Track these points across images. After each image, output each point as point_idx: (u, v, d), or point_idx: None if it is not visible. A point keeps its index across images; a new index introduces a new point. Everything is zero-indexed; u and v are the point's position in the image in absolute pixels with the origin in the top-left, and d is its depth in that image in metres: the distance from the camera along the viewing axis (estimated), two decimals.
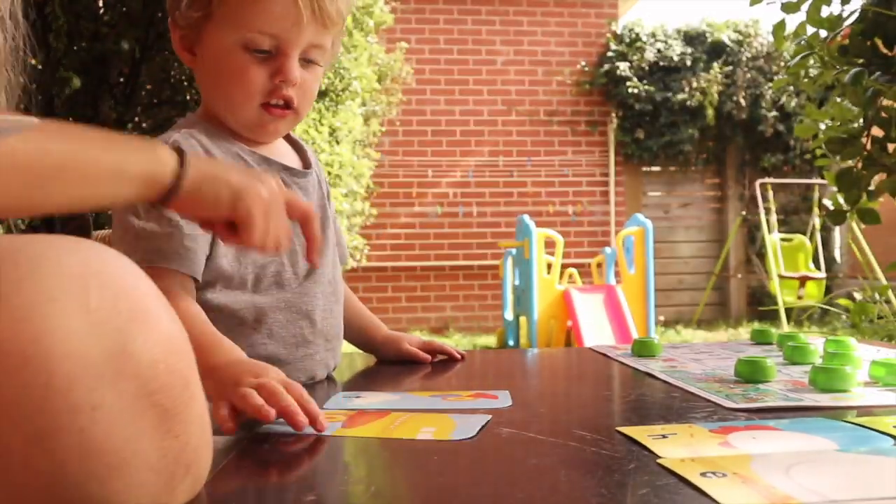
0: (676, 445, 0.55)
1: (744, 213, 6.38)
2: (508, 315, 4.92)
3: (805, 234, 6.02)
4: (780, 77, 4.80)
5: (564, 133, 6.42)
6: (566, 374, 1.05)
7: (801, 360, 0.92)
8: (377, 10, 4.47)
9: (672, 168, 6.63)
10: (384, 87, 5.63)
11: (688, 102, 6.26)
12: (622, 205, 6.47)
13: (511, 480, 0.50)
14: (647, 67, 6.34)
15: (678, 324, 6.26)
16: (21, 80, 0.61)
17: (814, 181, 6.21)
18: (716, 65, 6.37)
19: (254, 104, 0.88)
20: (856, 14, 1.57)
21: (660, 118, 6.33)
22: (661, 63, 6.36)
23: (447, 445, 0.58)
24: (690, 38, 6.50)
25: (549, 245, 4.55)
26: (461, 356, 1.06)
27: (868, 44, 1.53)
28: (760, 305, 6.42)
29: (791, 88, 5.92)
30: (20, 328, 0.32)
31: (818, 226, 5.97)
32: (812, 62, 1.67)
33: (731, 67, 6.40)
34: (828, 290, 5.79)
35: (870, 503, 0.42)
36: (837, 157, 1.64)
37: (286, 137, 1.00)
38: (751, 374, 0.80)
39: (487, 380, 1.02)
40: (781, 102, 6.29)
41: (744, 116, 6.35)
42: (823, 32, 1.62)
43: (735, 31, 6.50)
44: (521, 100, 6.38)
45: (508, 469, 0.52)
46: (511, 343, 4.86)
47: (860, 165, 1.61)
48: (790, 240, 5.92)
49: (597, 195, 6.44)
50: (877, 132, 1.62)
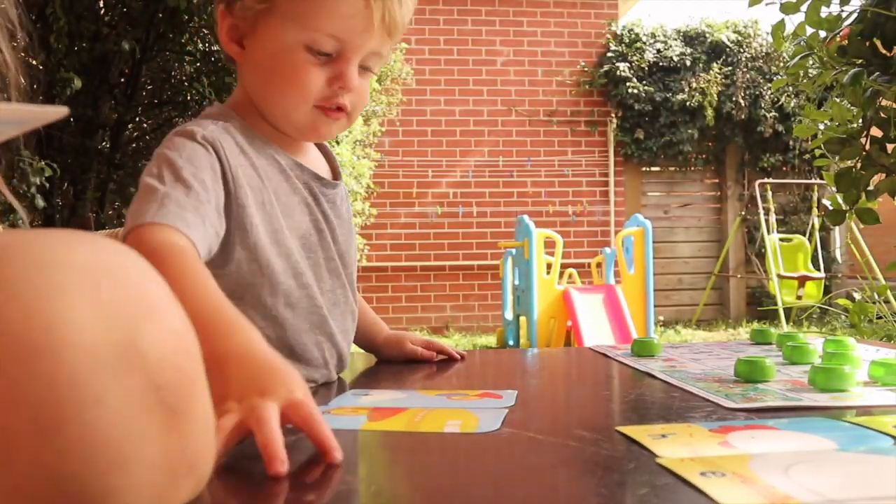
0: (676, 445, 0.55)
1: (743, 214, 6.38)
2: (508, 315, 4.92)
3: (804, 235, 6.03)
4: (780, 77, 4.81)
5: (564, 133, 6.42)
6: (566, 374, 1.06)
7: (801, 360, 0.92)
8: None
9: (672, 168, 6.63)
10: (384, 88, 5.63)
11: (687, 103, 6.27)
12: (622, 205, 6.47)
13: (511, 480, 0.50)
14: (647, 68, 6.35)
15: (678, 324, 6.26)
16: (22, 82, 0.61)
17: (813, 181, 6.22)
18: (715, 65, 6.37)
19: (307, 107, 0.84)
20: (855, 14, 1.58)
21: (659, 118, 6.34)
22: (661, 63, 6.36)
23: (445, 444, 0.58)
24: (690, 39, 6.51)
25: (549, 245, 4.55)
26: (461, 357, 1.06)
27: (867, 44, 1.54)
28: (760, 305, 6.42)
29: (790, 89, 5.92)
30: (30, 319, 0.32)
31: (817, 226, 5.98)
32: (811, 62, 1.68)
33: (731, 68, 6.40)
34: (827, 291, 5.80)
35: (869, 503, 0.42)
36: (836, 158, 1.64)
37: (318, 145, 0.97)
38: (750, 374, 0.81)
39: (488, 379, 1.02)
40: (781, 103, 6.30)
41: (743, 117, 6.35)
42: (822, 33, 1.62)
43: (734, 32, 6.51)
44: (521, 100, 6.39)
45: (508, 469, 0.52)
46: (511, 343, 4.86)
47: (859, 165, 1.61)
48: (789, 240, 5.92)
49: (596, 195, 6.44)
50: (876, 132, 1.62)
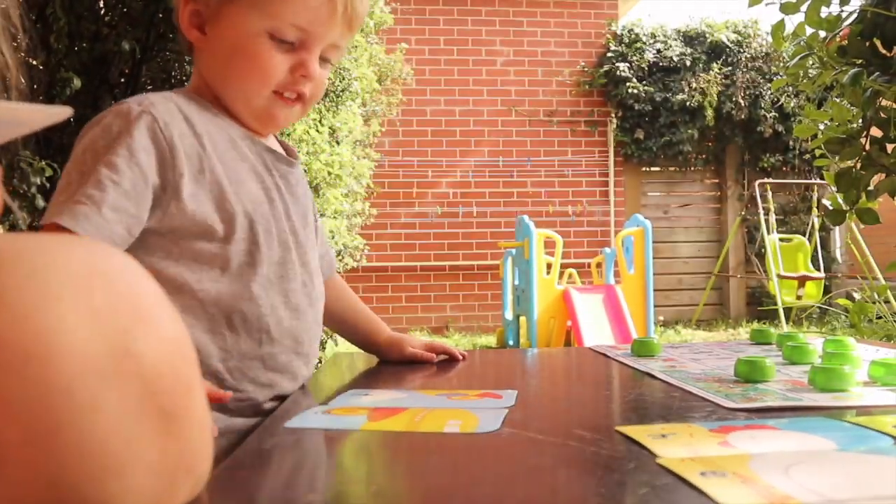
0: (676, 445, 0.55)
1: (743, 214, 6.38)
2: (508, 315, 4.92)
3: (804, 235, 6.03)
4: (780, 77, 4.81)
5: (564, 133, 6.42)
6: (566, 374, 1.06)
7: (801, 360, 0.92)
8: (377, 11, 4.47)
9: (671, 168, 6.63)
10: (384, 88, 5.63)
11: (687, 103, 6.27)
12: (622, 205, 6.47)
13: (511, 480, 0.50)
14: (647, 68, 6.35)
15: (677, 324, 6.26)
16: (22, 82, 0.61)
17: (813, 181, 6.22)
18: (715, 65, 6.37)
19: (267, 92, 0.86)
20: (854, 15, 1.58)
21: (659, 118, 6.34)
22: (661, 63, 6.36)
23: (445, 444, 0.58)
24: (690, 39, 6.51)
25: (549, 245, 4.55)
26: (462, 356, 1.06)
27: (867, 44, 1.54)
28: (760, 305, 6.42)
29: (790, 89, 5.92)
30: (23, 325, 0.32)
31: (817, 226, 5.98)
32: (811, 63, 1.68)
33: (731, 68, 6.40)
34: (827, 291, 5.80)
35: (869, 503, 0.42)
36: (836, 158, 1.64)
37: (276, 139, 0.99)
38: (750, 374, 0.81)
39: (488, 379, 1.02)
40: (780, 103, 6.30)
41: (743, 117, 6.35)
42: (822, 33, 1.62)
43: (734, 32, 6.51)
44: (521, 100, 6.39)
45: (508, 469, 0.52)
46: (511, 343, 4.86)
47: (859, 166, 1.61)
48: (789, 240, 5.92)
49: (596, 195, 6.44)
50: (876, 132, 1.62)
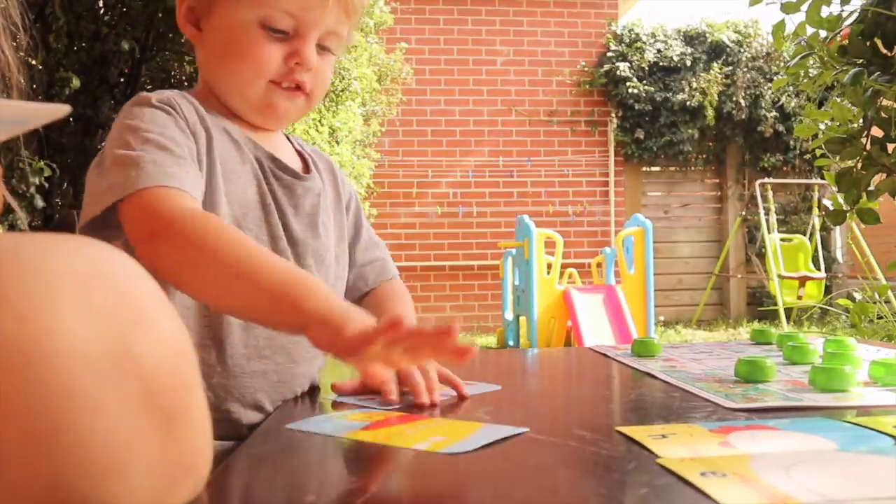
0: (676, 445, 0.55)
1: (743, 214, 6.38)
2: (508, 315, 4.92)
3: (805, 235, 6.03)
4: (780, 77, 4.81)
5: (564, 133, 6.42)
6: (566, 374, 1.05)
7: (801, 360, 0.92)
8: (377, 11, 4.48)
9: (672, 168, 6.63)
10: (384, 88, 5.63)
11: (688, 103, 6.27)
12: (622, 205, 6.47)
13: (511, 480, 0.50)
14: (647, 68, 6.35)
15: (678, 324, 6.26)
16: (21, 81, 0.61)
17: (813, 181, 6.22)
18: (715, 65, 6.37)
19: (262, 82, 0.84)
20: (855, 14, 1.58)
21: (660, 118, 6.34)
22: (661, 63, 6.36)
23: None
24: (690, 39, 6.51)
25: (549, 245, 4.55)
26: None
27: (868, 44, 1.54)
28: (760, 305, 6.42)
29: (791, 89, 5.92)
30: (22, 326, 0.32)
31: (818, 226, 5.98)
32: (812, 62, 1.68)
33: (731, 68, 6.40)
34: (827, 291, 5.80)
35: (869, 503, 0.42)
36: (837, 158, 1.64)
37: (295, 150, 0.95)
38: (750, 374, 0.81)
39: (488, 379, 1.02)
40: (781, 103, 6.30)
41: (743, 117, 6.35)
42: (823, 33, 1.62)
43: (735, 32, 6.51)
44: (521, 100, 6.39)
45: (508, 469, 0.52)
46: (511, 343, 4.86)
47: (860, 165, 1.61)
48: (790, 240, 5.92)
49: (597, 195, 6.44)
50: (876, 132, 1.62)
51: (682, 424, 0.62)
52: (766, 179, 6.14)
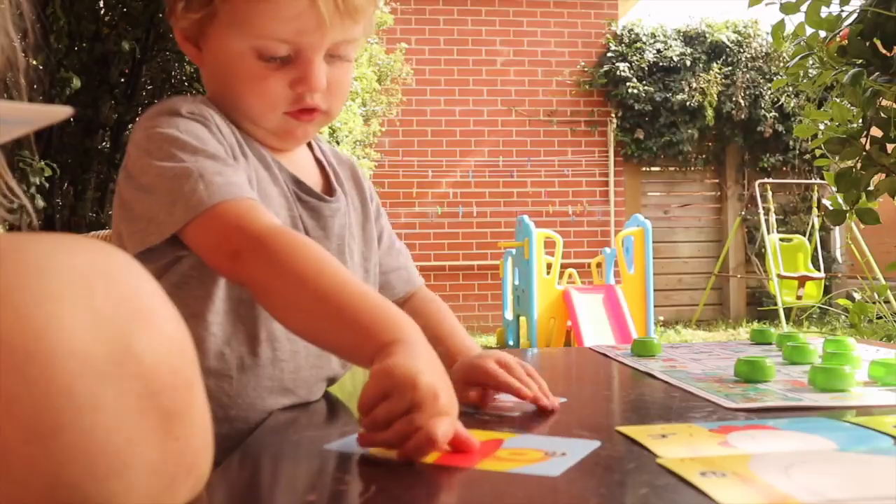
0: (676, 445, 0.55)
1: (743, 214, 6.38)
2: (508, 315, 4.92)
3: (804, 235, 6.03)
4: (780, 77, 4.81)
5: (564, 133, 6.42)
6: (566, 374, 1.05)
7: (801, 360, 0.92)
8: (377, 11, 4.48)
9: (672, 168, 6.63)
10: (384, 88, 5.63)
11: (687, 103, 6.27)
12: (622, 205, 6.47)
13: (511, 480, 0.50)
14: (647, 68, 6.35)
15: (678, 324, 6.26)
16: (22, 81, 0.61)
17: (813, 181, 6.22)
18: (715, 65, 6.37)
19: (276, 115, 0.77)
20: (855, 14, 1.58)
21: (659, 118, 6.34)
22: (661, 63, 6.36)
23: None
24: (690, 39, 6.51)
25: (549, 245, 4.55)
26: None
27: (867, 44, 1.54)
28: (760, 305, 6.42)
29: (790, 89, 5.92)
30: (24, 325, 0.32)
31: (817, 226, 5.98)
32: (811, 63, 1.68)
33: (731, 68, 6.40)
34: (827, 291, 5.80)
35: (869, 503, 0.42)
36: (837, 158, 1.64)
37: (318, 162, 0.89)
38: (750, 374, 0.81)
39: None
40: (781, 103, 6.30)
41: (743, 117, 6.35)
42: (822, 33, 1.62)
43: (734, 32, 6.51)
44: (521, 100, 6.39)
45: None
46: (511, 343, 4.86)
47: (859, 166, 1.61)
48: (789, 240, 5.92)
49: (596, 195, 6.44)
50: (876, 132, 1.62)
51: (682, 424, 0.62)
52: (766, 179, 6.14)
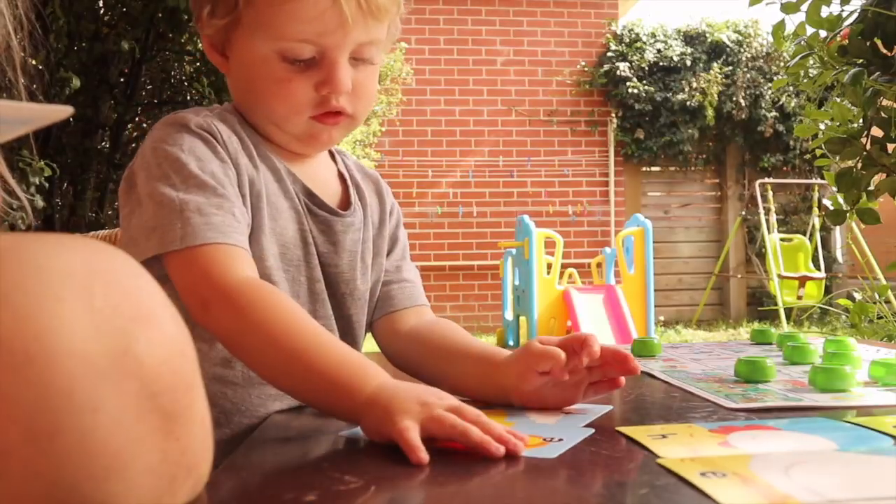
0: (676, 445, 0.55)
1: (743, 214, 6.38)
2: (508, 315, 4.92)
3: (805, 235, 6.02)
4: (780, 77, 4.81)
5: (564, 133, 6.42)
6: None
7: (801, 360, 0.92)
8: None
9: (672, 168, 6.63)
10: (384, 88, 5.63)
11: (688, 102, 6.26)
12: (622, 205, 6.47)
13: (511, 480, 0.50)
14: (647, 67, 6.35)
15: (678, 324, 6.26)
16: (22, 80, 0.61)
17: (813, 181, 6.22)
18: (715, 65, 6.37)
19: (301, 119, 0.76)
20: (855, 14, 1.58)
21: (660, 118, 6.33)
22: (661, 63, 6.36)
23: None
24: (690, 39, 6.51)
25: (549, 245, 4.55)
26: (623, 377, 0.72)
27: (868, 44, 1.54)
28: (760, 305, 6.42)
29: (791, 89, 5.92)
30: (23, 326, 0.32)
31: (818, 226, 5.97)
32: (812, 62, 1.68)
33: (731, 68, 6.40)
34: (827, 291, 5.79)
35: (869, 503, 0.42)
36: (837, 158, 1.64)
37: (340, 175, 0.88)
38: (750, 374, 0.81)
39: None
40: (781, 103, 6.29)
41: (743, 116, 6.35)
42: (823, 33, 1.62)
43: (735, 32, 6.51)
44: (521, 100, 6.39)
45: (508, 469, 0.52)
46: (511, 343, 4.86)
47: (860, 165, 1.61)
48: (790, 240, 5.92)
49: (597, 195, 6.44)
50: (876, 132, 1.62)
51: (682, 424, 0.62)
52: (766, 179, 6.14)
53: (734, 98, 6.33)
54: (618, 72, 6.28)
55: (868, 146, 1.60)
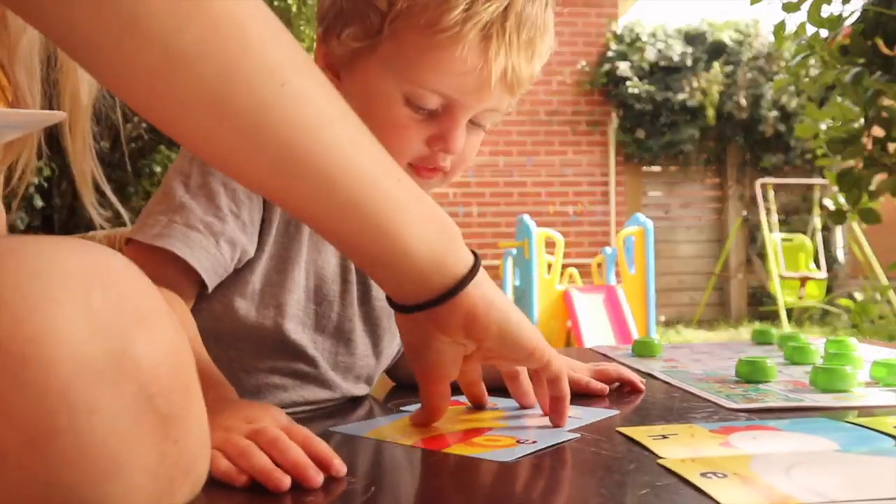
0: (677, 446, 0.55)
1: (744, 213, 6.38)
2: None
3: (806, 234, 6.02)
4: (781, 77, 4.80)
5: (564, 133, 6.42)
6: None
7: (802, 361, 0.92)
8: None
9: (672, 168, 6.63)
10: None
11: (688, 102, 6.26)
12: (622, 205, 6.47)
13: (511, 480, 0.50)
14: (648, 67, 6.35)
15: (678, 324, 6.26)
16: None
17: (814, 181, 6.21)
18: (716, 64, 6.37)
19: (400, 163, 0.70)
20: (856, 14, 1.58)
21: (660, 118, 6.33)
22: (662, 63, 6.36)
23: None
24: (691, 38, 6.51)
25: (550, 245, 4.55)
26: (642, 384, 0.81)
27: (869, 43, 1.54)
28: (761, 305, 6.42)
29: (792, 88, 5.92)
30: (20, 328, 0.32)
31: (819, 226, 5.97)
32: (813, 62, 1.68)
33: (732, 67, 6.40)
34: (828, 291, 5.79)
35: (870, 503, 0.42)
36: (838, 157, 1.64)
37: None
38: (751, 375, 0.80)
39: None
40: (782, 102, 6.29)
41: (744, 116, 6.35)
42: (824, 32, 1.62)
43: (735, 31, 6.51)
44: (521, 100, 6.33)
45: (508, 469, 0.52)
46: None
47: (861, 165, 1.61)
48: (791, 240, 5.92)
49: (597, 195, 6.44)
50: (877, 132, 1.62)
51: (683, 425, 0.62)
52: (767, 179, 6.14)
53: (735, 98, 6.32)
54: (618, 71, 6.28)
55: (869, 146, 1.60)
